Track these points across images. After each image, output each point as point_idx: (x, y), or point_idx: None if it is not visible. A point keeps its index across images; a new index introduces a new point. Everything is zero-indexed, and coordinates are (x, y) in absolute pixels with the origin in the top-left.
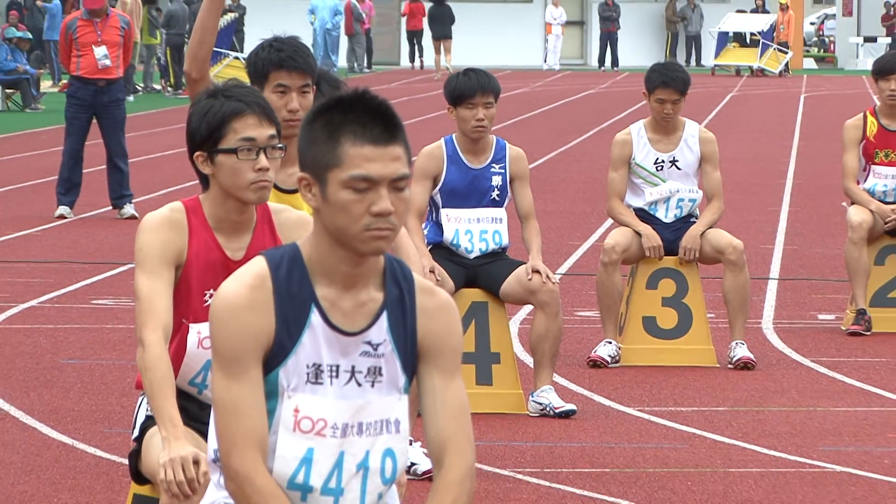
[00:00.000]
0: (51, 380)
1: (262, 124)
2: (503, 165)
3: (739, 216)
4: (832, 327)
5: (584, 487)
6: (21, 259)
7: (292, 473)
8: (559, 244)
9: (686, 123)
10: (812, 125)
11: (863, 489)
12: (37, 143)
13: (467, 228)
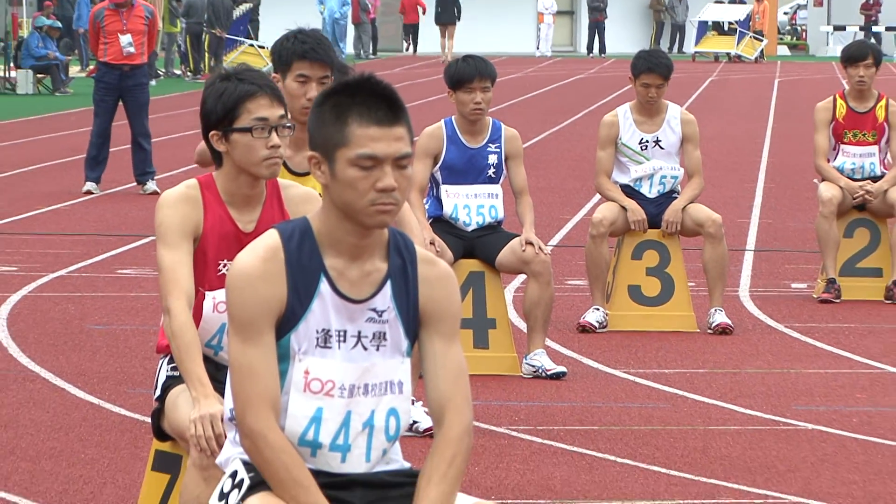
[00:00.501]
0: (78, 344)
1: (273, 105)
2: (499, 145)
3: (718, 192)
4: (804, 295)
5: (573, 444)
6: (51, 231)
7: (303, 431)
8: (550, 218)
9: (669, 106)
10: (785, 107)
11: (833, 445)
12: (65, 125)
13: (465, 203)
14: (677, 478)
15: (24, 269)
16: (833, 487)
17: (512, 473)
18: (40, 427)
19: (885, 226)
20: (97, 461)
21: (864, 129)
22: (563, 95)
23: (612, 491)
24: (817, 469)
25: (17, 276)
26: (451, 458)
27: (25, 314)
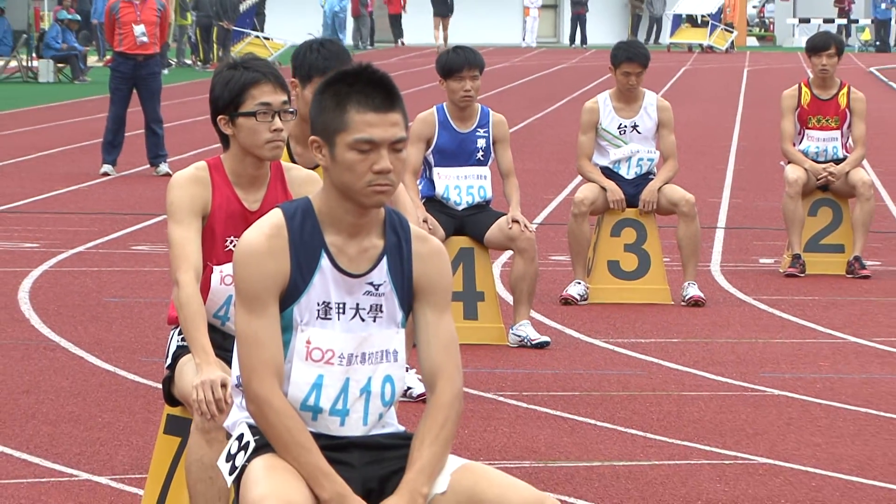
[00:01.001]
0: (96, 316)
1: (277, 91)
2: (487, 130)
3: (691, 173)
4: (771, 270)
5: (556, 408)
6: (70, 210)
7: (304, 397)
8: (535, 198)
9: (646, 93)
10: (754, 95)
11: (797, 410)
12: (84, 111)
13: (456, 184)
14: (653, 440)
15: (44, 245)
16: (798, 449)
17: (499, 436)
18: (60, 393)
19: (847, 205)
20: (113, 425)
21: (827, 115)
22: (547, 84)
23: (592, 452)
24: (783, 432)
25: (38, 252)
26: (443, 421)
27: (46, 288)
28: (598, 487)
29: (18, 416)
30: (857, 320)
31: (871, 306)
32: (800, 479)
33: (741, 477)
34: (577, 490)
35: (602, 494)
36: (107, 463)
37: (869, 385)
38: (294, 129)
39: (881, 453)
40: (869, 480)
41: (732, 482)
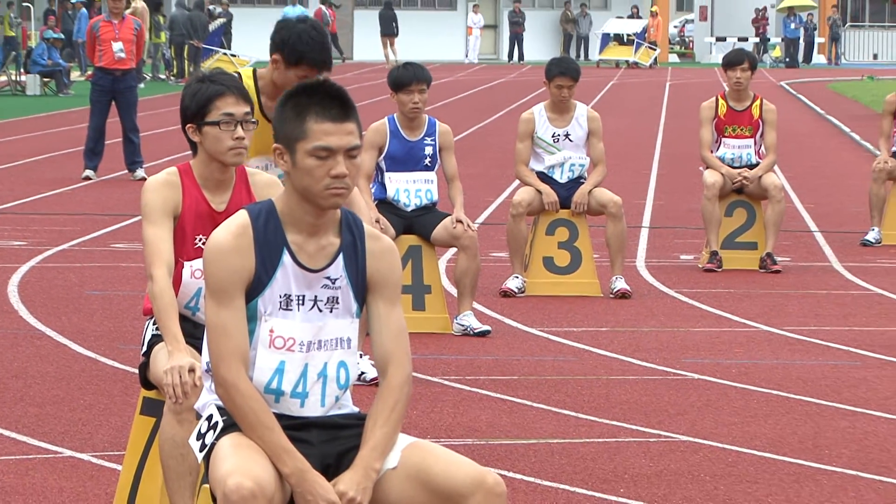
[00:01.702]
0: (78, 307)
1: (239, 103)
2: (434, 138)
3: (618, 178)
4: (691, 265)
5: (496, 391)
6: (55, 212)
7: (268, 381)
8: (477, 200)
9: (577, 105)
10: (675, 107)
11: (715, 392)
12: (67, 121)
13: (405, 188)
14: (584, 420)
15: (32, 243)
16: (715, 428)
17: (444, 416)
18: (46, 378)
19: (760, 206)
20: (94, 406)
21: (741, 125)
22: (488, 96)
23: (529, 431)
24: (702, 412)
25: (25, 250)
26: (394, 403)
27: (33, 282)
28: (534, 463)
29: (8, 399)
30: (768, 311)
31: (782, 298)
32: (717, 455)
33: (664, 453)
34: (516, 465)
35: (538, 469)
36: (88, 441)
37: (780, 370)
38: (267, 88)
39: (791, 431)
40: (780, 456)
41: (656, 458)
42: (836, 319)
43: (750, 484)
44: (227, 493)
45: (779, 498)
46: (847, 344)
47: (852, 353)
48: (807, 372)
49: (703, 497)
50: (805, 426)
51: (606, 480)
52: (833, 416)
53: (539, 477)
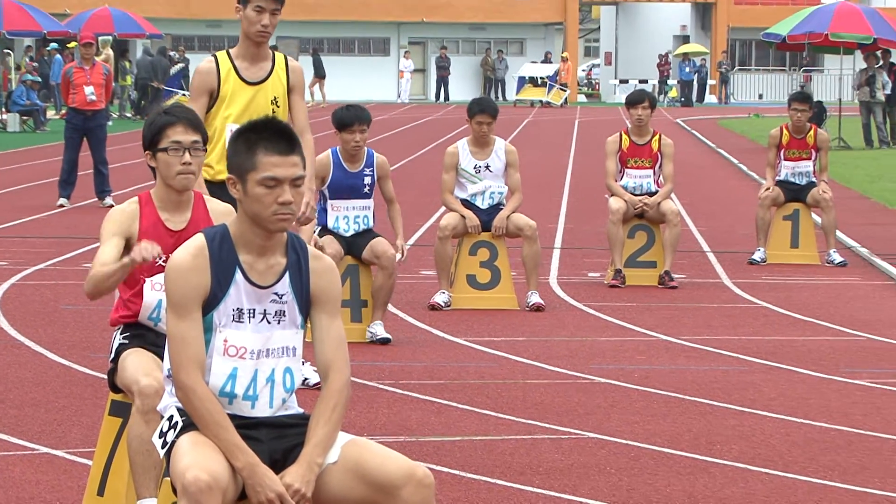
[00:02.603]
0: (53, 320)
1: (188, 132)
2: (372, 169)
3: (533, 204)
4: (598, 282)
5: (425, 393)
6: (32, 235)
7: (222, 385)
8: (408, 225)
9: (496, 140)
10: (583, 141)
11: (618, 394)
12: (44, 154)
13: (345, 215)
14: (503, 419)
15: (12, 263)
16: (619, 426)
17: (379, 416)
18: (24, 382)
19: (659, 230)
20: (67, 408)
21: (642, 157)
22: (418, 132)
23: (454, 429)
24: (608, 412)
25: (7, 269)
26: (334, 405)
27: (13, 297)
28: (459, 457)
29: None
30: (666, 322)
31: (678, 311)
32: (621, 450)
33: (574, 448)
34: (443, 460)
35: (462, 463)
36: (62, 439)
37: (676, 374)
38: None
39: (686, 429)
40: (677, 451)
41: (567, 453)
42: (726, 329)
43: (650, 476)
44: (185, 485)
45: (676, 488)
46: (736, 351)
47: (740, 359)
48: (700, 376)
49: (608, 488)
50: (699, 424)
51: (523, 473)
52: (724, 416)
53: (463, 470)
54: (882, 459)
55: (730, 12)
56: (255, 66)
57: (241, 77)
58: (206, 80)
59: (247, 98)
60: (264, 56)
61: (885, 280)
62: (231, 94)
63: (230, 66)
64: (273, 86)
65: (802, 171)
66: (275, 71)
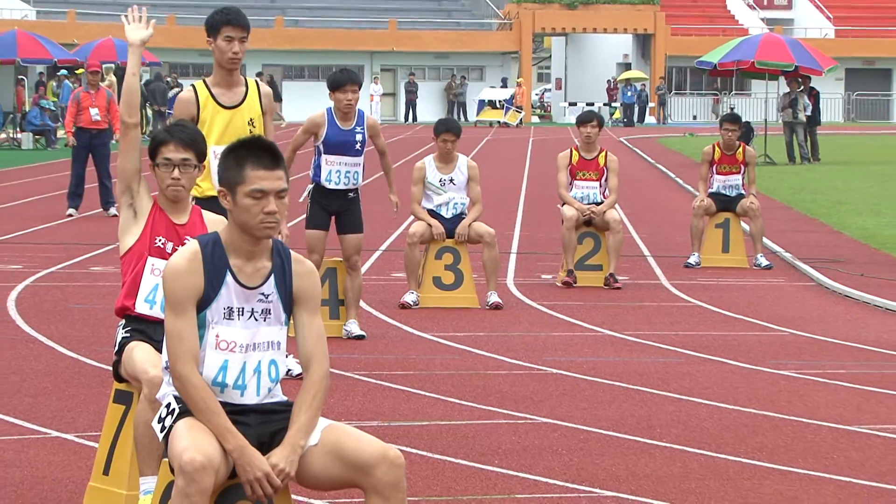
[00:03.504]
0: (63, 318)
1: (178, 150)
2: (363, 128)
3: (492, 213)
4: (550, 283)
5: (396, 383)
6: (44, 241)
7: (214, 375)
8: (380, 232)
9: (459, 156)
10: (537, 157)
11: (569, 383)
12: (54, 170)
13: (337, 169)
14: (466, 405)
15: (26, 266)
16: (570, 412)
17: (355, 403)
18: (37, 374)
19: (604, 236)
20: (76, 396)
21: (590, 171)
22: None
23: (422, 414)
24: (560, 400)
25: (21, 272)
26: (315, 393)
27: (28, 297)
28: (426, 440)
29: (7, 391)
30: (611, 319)
31: (622, 309)
32: (571, 433)
33: (530, 432)
34: (412, 442)
35: (430, 445)
36: (72, 423)
37: (620, 365)
38: (216, 81)
39: (629, 414)
40: (621, 434)
41: (523, 435)
42: (665, 325)
43: (597, 456)
44: (182, 465)
45: (620, 467)
46: (673, 345)
47: (678, 352)
48: (642, 367)
49: (560, 467)
50: (641, 410)
51: (484, 454)
52: (663, 403)
53: (430, 451)
54: (804, 441)
55: (667, 42)
56: (230, 91)
57: (219, 102)
58: (186, 108)
59: (225, 121)
60: (237, 82)
61: (806, 281)
62: (210, 118)
63: (207, 94)
64: (249, 108)
65: (732, 184)
66: (248, 95)
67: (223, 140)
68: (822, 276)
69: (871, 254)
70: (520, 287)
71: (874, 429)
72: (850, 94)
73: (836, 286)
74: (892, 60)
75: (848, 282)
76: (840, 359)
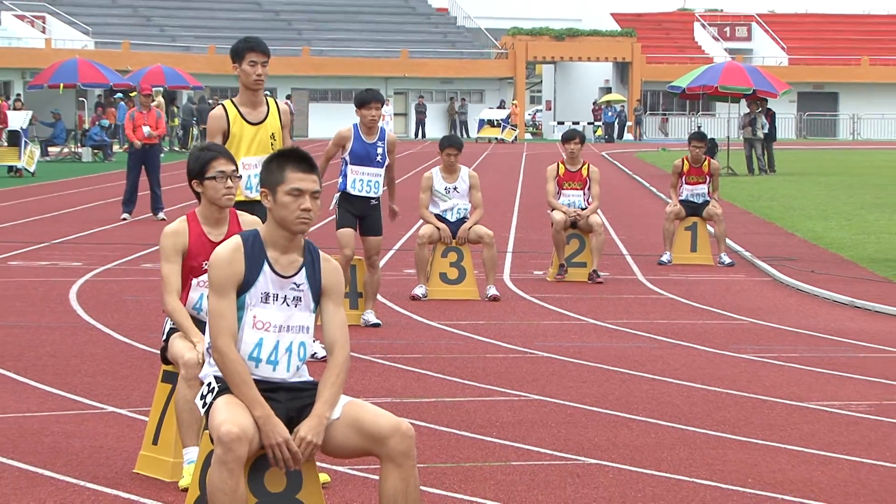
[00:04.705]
0: (118, 308)
1: (228, 163)
2: (383, 143)
3: (491, 217)
4: (541, 279)
5: (408, 365)
6: (101, 242)
7: (250, 351)
8: (394, 233)
9: (462, 167)
10: (529, 169)
11: (558, 366)
12: (110, 180)
13: (360, 178)
14: (468, 384)
15: (86, 263)
16: (558, 391)
17: (371, 383)
18: (95, 357)
19: (588, 237)
20: (129, 377)
21: (575, 181)
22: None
23: (430, 393)
24: (550, 380)
25: (82, 268)
26: (338, 373)
27: (88, 290)
28: (433, 414)
29: (69, 371)
30: (594, 309)
31: (604, 301)
32: (560, 409)
33: (524, 408)
34: (421, 416)
35: (436, 419)
36: (125, 400)
37: (602, 350)
38: (242, 100)
39: (610, 392)
40: (602, 409)
41: (517, 411)
42: (641, 315)
43: (582, 428)
44: (220, 436)
45: (602, 438)
46: (648, 332)
47: (652, 338)
48: (621, 351)
49: (549, 437)
50: (619, 389)
51: (483, 426)
52: (639, 382)
53: (437, 424)
54: (762, 415)
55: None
56: (255, 110)
57: (246, 119)
58: (219, 124)
59: (251, 135)
60: (261, 102)
61: (763, 277)
62: (239, 133)
63: (236, 112)
64: (271, 124)
65: (699, 192)
66: (270, 112)
67: (250, 152)
68: (777, 272)
69: (820, 253)
70: (515, 282)
71: (822, 405)
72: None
73: (790, 281)
74: (838, 85)
75: (799, 277)
76: (793, 344)
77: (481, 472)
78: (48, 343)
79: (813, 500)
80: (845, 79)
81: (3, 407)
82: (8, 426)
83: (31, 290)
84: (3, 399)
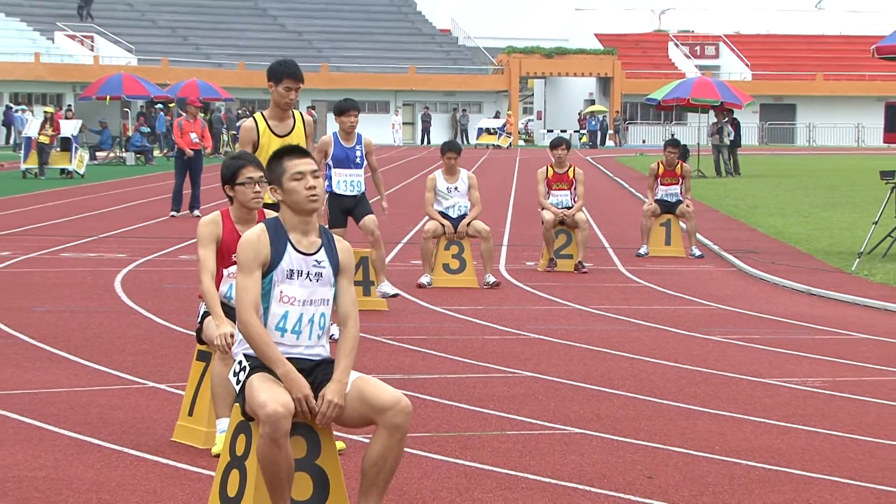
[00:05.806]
0: (158, 295)
1: (257, 170)
2: (361, 146)
3: (488, 214)
4: (533, 269)
5: (413, 345)
6: (143, 236)
7: (277, 322)
8: (401, 228)
9: (461, 170)
10: (522, 171)
11: (549, 346)
12: (151, 181)
13: (344, 179)
14: (468, 362)
15: (130, 254)
16: (549, 368)
17: (380, 361)
18: (138, 338)
19: (574, 232)
20: (168, 355)
21: (562, 182)
22: (410, 165)
23: (433, 369)
24: (541, 358)
25: (125, 259)
26: (353, 345)
27: (131, 279)
28: (436, 388)
29: (115, 350)
30: (580, 295)
31: (587, 289)
32: (549, 384)
33: (519, 384)
34: (427, 391)
35: (439, 393)
36: (164, 376)
37: (587, 332)
38: (271, 114)
39: (594, 369)
40: (587, 385)
41: (512, 386)
42: (621, 301)
43: (568, 402)
44: (267, 415)
45: (587, 410)
46: (628, 316)
47: (631, 322)
48: (604, 333)
49: (541, 410)
50: (602, 366)
51: (482, 400)
52: (619, 361)
53: (440, 398)
54: (728, 390)
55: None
56: (282, 123)
57: (274, 132)
58: (249, 135)
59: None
60: (288, 115)
61: (729, 267)
62: (267, 144)
63: (265, 125)
64: (297, 136)
65: (673, 192)
66: (296, 125)
67: None
68: (742, 263)
69: (780, 246)
70: (510, 271)
71: (782, 381)
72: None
73: (753, 271)
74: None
75: (762, 268)
76: (756, 327)
77: (480, 441)
78: (95, 325)
79: (773, 465)
80: (803, 92)
81: (56, 382)
82: (60, 399)
83: (81, 279)
84: (55, 375)
